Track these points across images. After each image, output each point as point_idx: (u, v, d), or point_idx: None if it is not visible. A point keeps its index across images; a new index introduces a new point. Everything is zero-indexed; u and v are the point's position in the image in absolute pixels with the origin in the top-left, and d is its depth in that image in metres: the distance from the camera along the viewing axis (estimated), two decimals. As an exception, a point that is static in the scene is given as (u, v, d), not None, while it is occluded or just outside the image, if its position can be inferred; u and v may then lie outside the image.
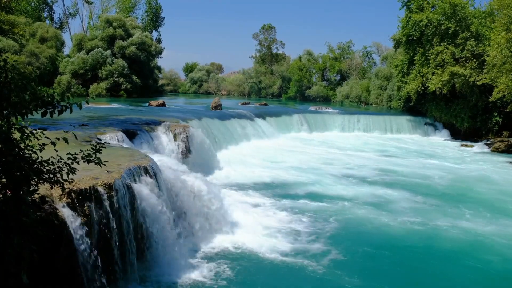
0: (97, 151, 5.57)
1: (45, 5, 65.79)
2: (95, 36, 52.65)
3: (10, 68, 4.80)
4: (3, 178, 4.73)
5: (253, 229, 11.10)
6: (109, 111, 25.10)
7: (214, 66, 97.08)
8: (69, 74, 48.65)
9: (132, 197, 8.15)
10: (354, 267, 9.44)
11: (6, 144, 4.59)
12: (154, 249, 8.55)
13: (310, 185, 16.48)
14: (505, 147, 28.75)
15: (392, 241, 11.06)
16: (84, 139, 11.77)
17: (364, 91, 59.17)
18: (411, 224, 12.35)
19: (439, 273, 9.41)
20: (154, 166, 9.57)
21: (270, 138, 27.80)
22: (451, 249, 10.73)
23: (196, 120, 21.94)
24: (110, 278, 7.26)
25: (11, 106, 4.69)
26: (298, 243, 10.51)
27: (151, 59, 56.27)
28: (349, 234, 11.45)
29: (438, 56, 33.10)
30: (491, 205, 14.84)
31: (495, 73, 28.02)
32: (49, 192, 6.40)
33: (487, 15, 34.67)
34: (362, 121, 36.19)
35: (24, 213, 4.73)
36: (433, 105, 35.90)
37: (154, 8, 71.82)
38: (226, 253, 9.80)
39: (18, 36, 39.85)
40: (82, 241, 6.57)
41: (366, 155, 24.50)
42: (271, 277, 8.90)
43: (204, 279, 8.45)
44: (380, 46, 68.82)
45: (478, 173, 20.72)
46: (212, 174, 17.08)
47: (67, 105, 4.96)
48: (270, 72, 77.74)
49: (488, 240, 11.33)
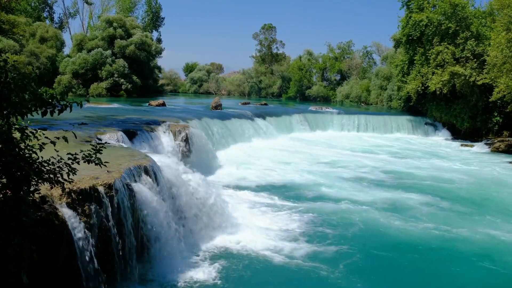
0: (97, 151, 5.56)
1: (45, 5, 65.79)
2: (95, 36, 52.64)
3: (11, 68, 4.80)
4: (3, 178, 4.72)
5: (253, 229, 11.09)
6: (109, 111, 25.11)
7: (214, 66, 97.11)
8: (69, 74, 48.66)
9: (132, 197, 8.14)
10: (364, 270, 9.38)
11: (6, 144, 4.59)
12: (154, 249, 8.55)
13: (310, 185, 16.46)
14: (505, 147, 28.72)
15: (410, 245, 10.83)
16: (84, 139, 11.78)
17: (364, 91, 59.16)
18: (426, 227, 12.04)
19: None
20: (154, 166, 9.57)
21: (270, 138, 27.81)
22: (471, 253, 10.50)
23: (196, 120, 21.95)
24: (110, 277, 7.25)
25: (11, 106, 4.69)
26: (299, 244, 10.47)
27: (151, 59, 56.30)
28: (356, 237, 11.29)
29: (438, 56, 33.07)
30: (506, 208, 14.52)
31: (495, 73, 28.00)
32: (49, 192, 6.40)
33: (487, 15, 34.63)
34: (362, 121, 36.16)
35: (24, 213, 4.73)
36: (433, 105, 35.87)
37: (154, 8, 71.82)
38: (226, 252, 9.80)
39: (18, 36, 39.84)
40: (82, 241, 6.57)
41: (367, 155, 24.48)
42: (272, 277, 8.88)
43: (204, 279, 8.44)
44: (380, 46, 68.83)
45: (491, 175, 20.54)
46: (212, 174, 17.07)
47: (67, 104, 4.95)
48: (270, 72, 77.71)
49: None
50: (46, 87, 4.93)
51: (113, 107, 29.30)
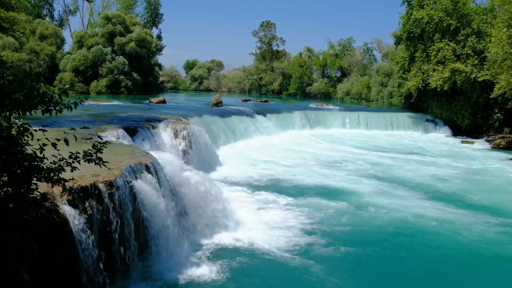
0: (98, 150, 5.54)
1: (45, 2, 65.64)
2: (95, 33, 52.48)
3: (13, 65, 4.78)
4: (4, 176, 4.71)
5: (255, 226, 11.08)
6: (110, 108, 25.07)
7: (214, 63, 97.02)
8: (70, 71, 48.56)
9: (133, 194, 8.13)
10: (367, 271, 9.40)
11: (7, 141, 4.57)
12: (156, 246, 8.54)
13: (311, 182, 16.43)
14: (506, 143, 28.73)
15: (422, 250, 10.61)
16: (85, 136, 11.75)
17: (365, 88, 59.08)
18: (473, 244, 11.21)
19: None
20: (155, 163, 9.55)
21: (271, 135, 27.79)
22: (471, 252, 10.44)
23: (197, 117, 21.93)
24: (111, 275, 7.25)
25: (12, 104, 4.67)
26: (301, 241, 10.44)
27: (152, 56, 56.21)
28: (366, 235, 11.22)
29: (439, 53, 33.02)
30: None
31: (496, 70, 27.96)
32: (50, 190, 6.39)
33: (488, 12, 34.55)
34: (363, 118, 36.12)
35: (25, 210, 4.72)
36: (434, 101, 35.83)
37: (153, 5, 71.63)
38: (227, 250, 9.79)
39: (19, 33, 39.78)
40: (83, 238, 6.55)
41: (368, 152, 24.47)
42: (274, 275, 8.87)
43: (205, 276, 8.43)
44: (381, 43, 68.65)
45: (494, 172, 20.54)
46: (213, 171, 17.07)
47: (68, 105, 4.93)
48: (270, 69, 77.58)
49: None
50: (47, 85, 4.91)
51: (113, 104, 29.25)
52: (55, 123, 13.65)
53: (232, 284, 8.28)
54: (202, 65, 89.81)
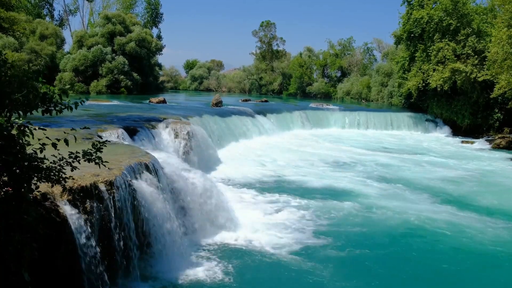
0: (98, 149, 5.53)
1: (45, 2, 65.65)
2: (95, 33, 52.47)
3: (14, 64, 4.77)
4: (4, 176, 4.71)
5: (255, 226, 11.06)
6: (110, 108, 25.06)
7: (214, 63, 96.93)
8: (70, 71, 48.56)
9: (133, 194, 8.13)
10: (362, 270, 9.38)
11: (7, 141, 4.57)
12: (156, 246, 8.53)
13: (311, 181, 16.41)
14: (506, 143, 28.71)
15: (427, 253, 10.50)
16: (85, 136, 11.75)
17: (365, 88, 59.08)
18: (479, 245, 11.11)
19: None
20: (155, 163, 9.55)
21: (271, 135, 27.79)
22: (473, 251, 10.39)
23: (197, 117, 21.92)
24: (111, 275, 7.25)
25: (12, 104, 4.67)
26: (302, 240, 10.41)
27: (152, 56, 56.20)
28: (364, 235, 11.15)
29: (439, 53, 33.01)
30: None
31: (496, 69, 27.95)
32: (50, 190, 6.39)
33: (488, 11, 34.55)
34: (363, 117, 36.12)
35: (25, 210, 4.72)
36: (434, 101, 35.82)
37: (153, 5, 71.63)
38: (228, 249, 9.77)
39: (19, 33, 39.78)
40: (83, 238, 6.55)
41: (368, 152, 24.45)
42: (274, 275, 8.86)
43: (206, 276, 8.42)
44: (381, 43, 68.64)
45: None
46: (213, 171, 17.06)
47: (68, 104, 4.93)
48: (270, 69, 77.55)
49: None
50: (46, 85, 4.90)
51: (113, 104, 29.24)
52: (55, 123, 13.64)
53: (232, 285, 8.27)
54: (202, 65, 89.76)
